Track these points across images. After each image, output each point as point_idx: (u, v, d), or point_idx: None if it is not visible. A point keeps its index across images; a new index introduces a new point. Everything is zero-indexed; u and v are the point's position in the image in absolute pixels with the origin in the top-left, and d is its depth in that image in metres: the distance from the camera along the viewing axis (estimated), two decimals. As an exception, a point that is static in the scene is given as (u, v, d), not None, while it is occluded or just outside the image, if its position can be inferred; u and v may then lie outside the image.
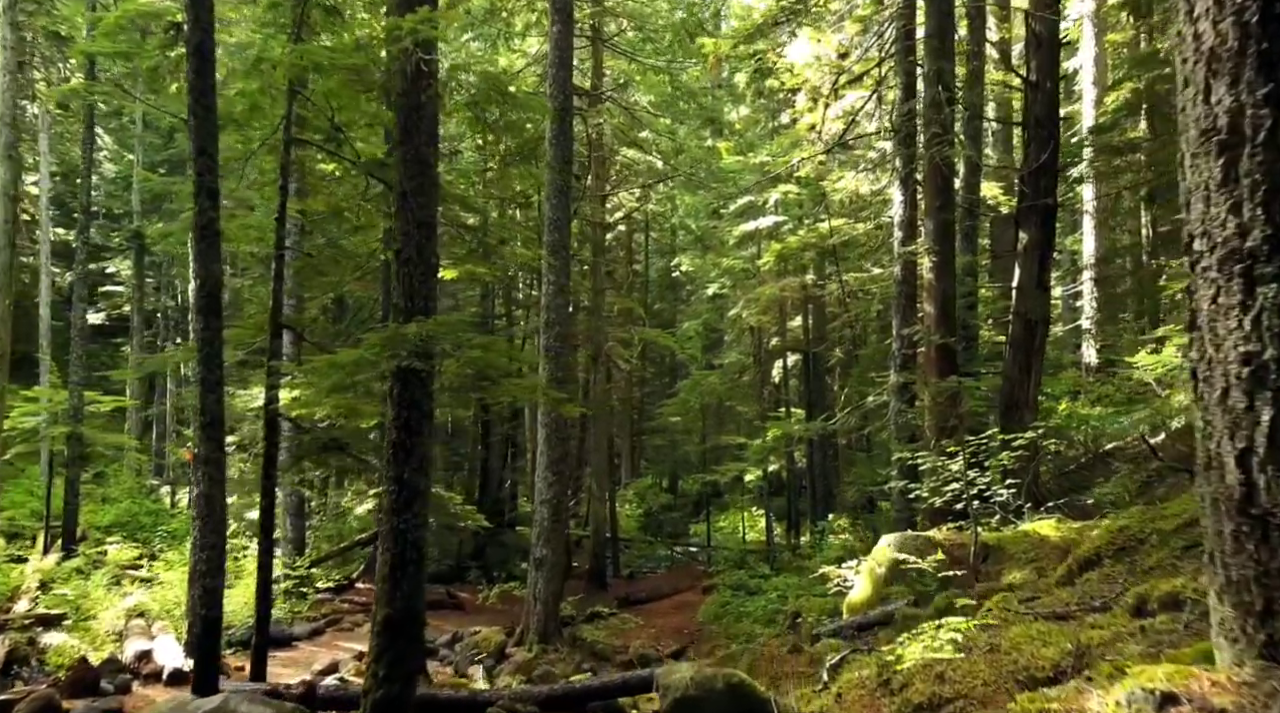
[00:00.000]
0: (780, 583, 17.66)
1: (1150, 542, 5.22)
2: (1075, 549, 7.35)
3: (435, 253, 6.99)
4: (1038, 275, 11.88)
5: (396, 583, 6.55)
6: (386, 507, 6.71)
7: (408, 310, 6.73)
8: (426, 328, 6.32)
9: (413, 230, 6.87)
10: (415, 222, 6.88)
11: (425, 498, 6.77)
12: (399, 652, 6.47)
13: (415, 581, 6.62)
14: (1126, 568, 5.00)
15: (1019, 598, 5.09)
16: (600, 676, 8.41)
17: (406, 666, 6.49)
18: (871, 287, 20.13)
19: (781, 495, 28.87)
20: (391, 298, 6.80)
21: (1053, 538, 7.92)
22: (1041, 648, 3.25)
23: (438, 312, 7.25)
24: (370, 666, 6.46)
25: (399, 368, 6.64)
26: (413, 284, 6.82)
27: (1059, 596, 4.80)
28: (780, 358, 27.14)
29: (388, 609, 6.51)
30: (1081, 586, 4.92)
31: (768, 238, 23.25)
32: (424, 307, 6.81)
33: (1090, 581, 4.98)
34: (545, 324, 14.05)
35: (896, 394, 12.69)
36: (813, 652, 7.10)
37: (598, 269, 20.92)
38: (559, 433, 13.86)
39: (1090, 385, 21.18)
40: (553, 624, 13.83)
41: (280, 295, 8.82)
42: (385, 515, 6.71)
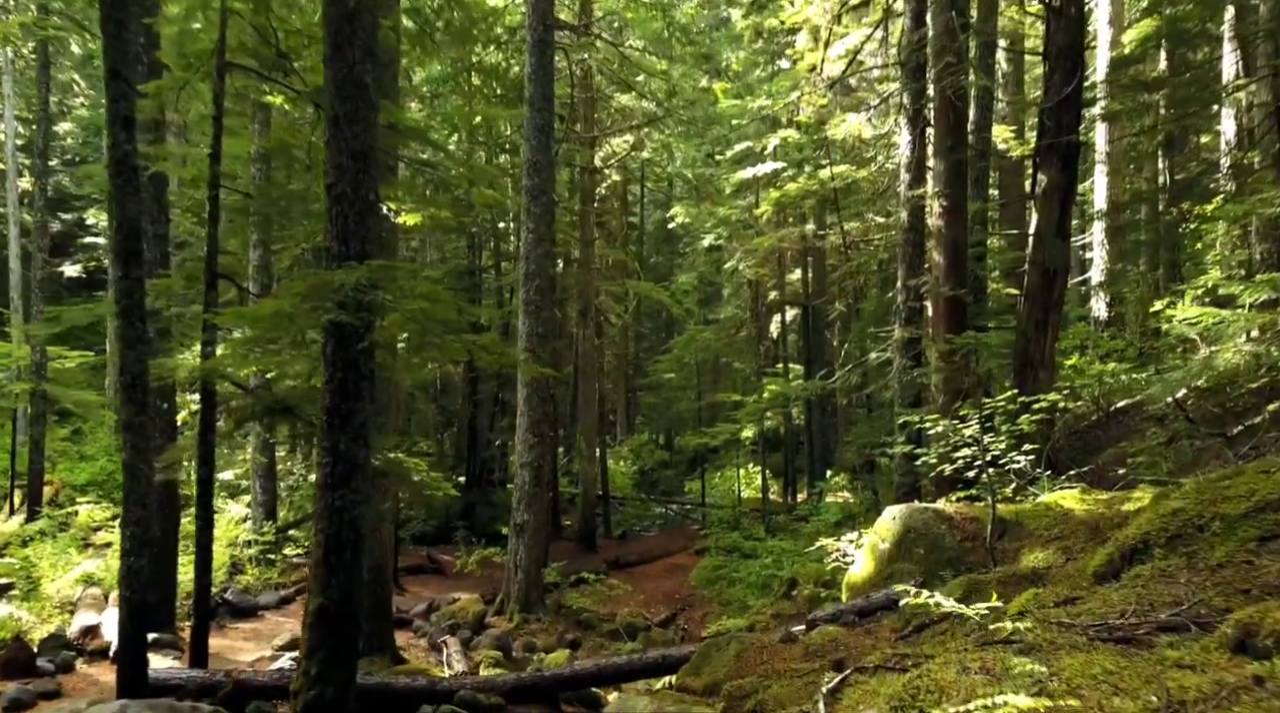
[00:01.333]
0: (775, 546, 16.96)
1: (1212, 529, 4.37)
2: (1107, 527, 6.51)
3: (375, 189, 6.04)
4: (1058, 221, 10.90)
5: (332, 569, 5.71)
6: (320, 481, 5.85)
7: (341, 255, 5.80)
8: (358, 276, 5.39)
9: (346, 162, 5.90)
10: (349, 152, 5.91)
11: (365, 471, 5.91)
12: (335, 647, 5.66)
13: (354, 565, 5.78)
14: (1185, 563, 4.15)
15: (1053, 597, 4.25)
16: (572, 664, 7.66)
17: (344, 663, 5.69)
18: (875, 237, 19.13)
19: (779, 452, 28.15)
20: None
21: (1077, 512, 7.08)
22: (1114, 699, 2.40)
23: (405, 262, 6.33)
24: (302, 663, 5.65)
25: (331, 323, 5.73)
26: (346, 225, 5.87)
27: (1106, 597, 3.94)
28: (779, 312, 26.19)
29: (321, 599, 5.68)
30: (1132, 585, 4.07)
31: (766, 186, 22.15)
32: (360, 251, 5.87)
33: (1142, 578, 4.13)
34: (525, 276, 13.11)
35: (901, 351, 11.78)
36: (808, 642, 6.30)
37: (586, 219, 19.88)
38: (540, 393, 13.00)
39: (1102, 340, 20.31)
40: (535, 593, 13.12)
41: (215, 241, 7.87)
42: (319, 491, 5.85)
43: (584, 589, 14.73)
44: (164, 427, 10.91)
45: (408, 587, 15.50)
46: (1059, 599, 4.15)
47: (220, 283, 8.19)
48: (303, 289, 5.41)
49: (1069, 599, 4.09)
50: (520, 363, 7.22)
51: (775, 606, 13.35)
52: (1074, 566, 5.66)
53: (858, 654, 5.76)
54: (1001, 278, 19.69)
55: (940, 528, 7.32)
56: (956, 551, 7.15)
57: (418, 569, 16.89)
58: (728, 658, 6.34)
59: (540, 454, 13.10)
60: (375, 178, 6.05)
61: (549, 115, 13.26)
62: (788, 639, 6.46)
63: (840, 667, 5.48)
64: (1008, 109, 19.89)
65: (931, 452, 8.61)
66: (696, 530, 21.11)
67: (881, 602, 6.78)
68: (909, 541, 7.39)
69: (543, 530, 13.55)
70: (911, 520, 7.45)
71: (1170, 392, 8.47)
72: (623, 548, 20.04)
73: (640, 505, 27.55)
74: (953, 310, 11.23)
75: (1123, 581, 4.36)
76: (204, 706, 5.95)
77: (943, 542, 7.23)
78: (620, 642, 12.92)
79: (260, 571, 14.10)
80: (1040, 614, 3.89)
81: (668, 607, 15.24)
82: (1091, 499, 7.32)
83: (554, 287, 20.04)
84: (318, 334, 6.11)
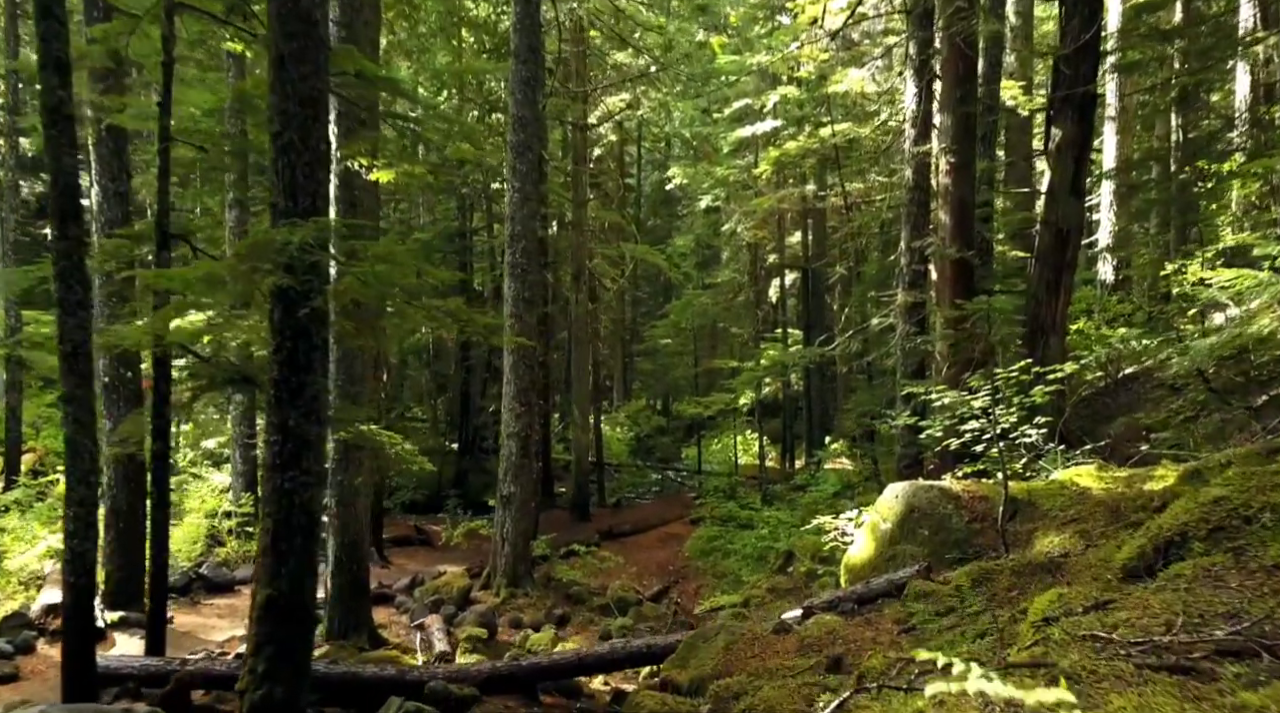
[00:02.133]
0: (772, 516, 16.53)
1: (1261, 521, 3.85)
2: (1129, 509, 6.00)
3: (326, 138, 5.43)
4: (1072, 177, 10.28)
5: (281, 557, 5.20)
6: (267, 461, 5.32)
7: (289, 211, 5.21)
8: (304, 234, 4.81)
9: (293, 108, 5.29)
10: (296, 97, 5.30)
11: (318, 450, 5.38)
12: (285, 642, 5.17)
13: (305, 553, 5.27)
14: (1233, 561, 3.64)
15: (1081, 599, 3.74)
16: (551, 653, 7.20)
17: (296, 659, 5.20)
18: (878, 197, 18.45)
19: (776, 418, 27.70)
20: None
21: (1095, 491, 6.57)
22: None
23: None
24: (248, 660, 5.16)
25: (278, 287, 5.16)
26: (294, 178, 5.28)
27: (1144, 601, 3.42)
28: (778, 276, 25.56)
29: (270, 590, 5.17)
30: (1172, 587, 3.56)
31: (765, 145, 21.41)
32: (310, 207, 5.28)
33: (1184, 579, 3.61)
34: (511, 237, 12.50)
35: (904, 316, 11.21)
36: (803, 633, 5.81)
37: (579, 178, 19.18)
38: (527, 360, 12.45)
39: (1109, 304, 19.72)
40: (522, 566, 12.68)
41: (166, 197, 7.27)
42: (266, 472, 5.33)
43: (574, 561, 14.28)
44: (128, 396, 10.39)
45: (393, 559, 15.09)
46: (1089, 603, 3.63)
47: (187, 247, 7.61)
48: (240, 249, 4.84)
49: (1101, 604, 3.57)
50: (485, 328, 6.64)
51: (771, 580, 12.92)
52: (1096, 554, 5.15)
53: (857, 650, 5.28)
54: (1008, 240, 19.06)
55: (946, 508, 6.82)
56: (964, 532, 6.66)
57: (404, 541, 16.46)
58: (716, 650, 5.86)
59: (527, 424, 12.59)
60: (326, 125, 5.44)
61: (535, 68, 12.55)
62: (781, 629, 5.98)
63: (838, 666, 5.00)
64: (1015, 65, 19.12)
65: (936, 424, 8.09)
66: (692, 498, 20.70)
67: (883, 588, 6.29)
68: (913, 521, 6.89)
69: (530, 502, 13.09)
70: (916, 500, 6.95)
71: (1199, 361, 7.92)
72: (617, 517, 19.62)
73: (636, 473, 27.15)
74: (959, 273, 10.65)
75: (1160, 580, 3.84)
76: (140, 707, 5.47)
77: (949, 523, 6.73)
78: (610, 616, 12.51)
79: (239, 543, 13.66)
80: (1070, 625, 3.37)
81: (661, 579, 14.83)
82: (1109, 476, 6.81)
83: (544, 249, 19.43)
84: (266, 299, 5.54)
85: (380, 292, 5.19)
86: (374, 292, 5.16)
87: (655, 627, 12.42)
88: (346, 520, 9.62)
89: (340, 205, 9.52)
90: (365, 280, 5.04)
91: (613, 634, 11.67)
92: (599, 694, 7.33)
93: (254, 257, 4.86)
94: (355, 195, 9.59)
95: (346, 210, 9.54)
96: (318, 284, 5.24)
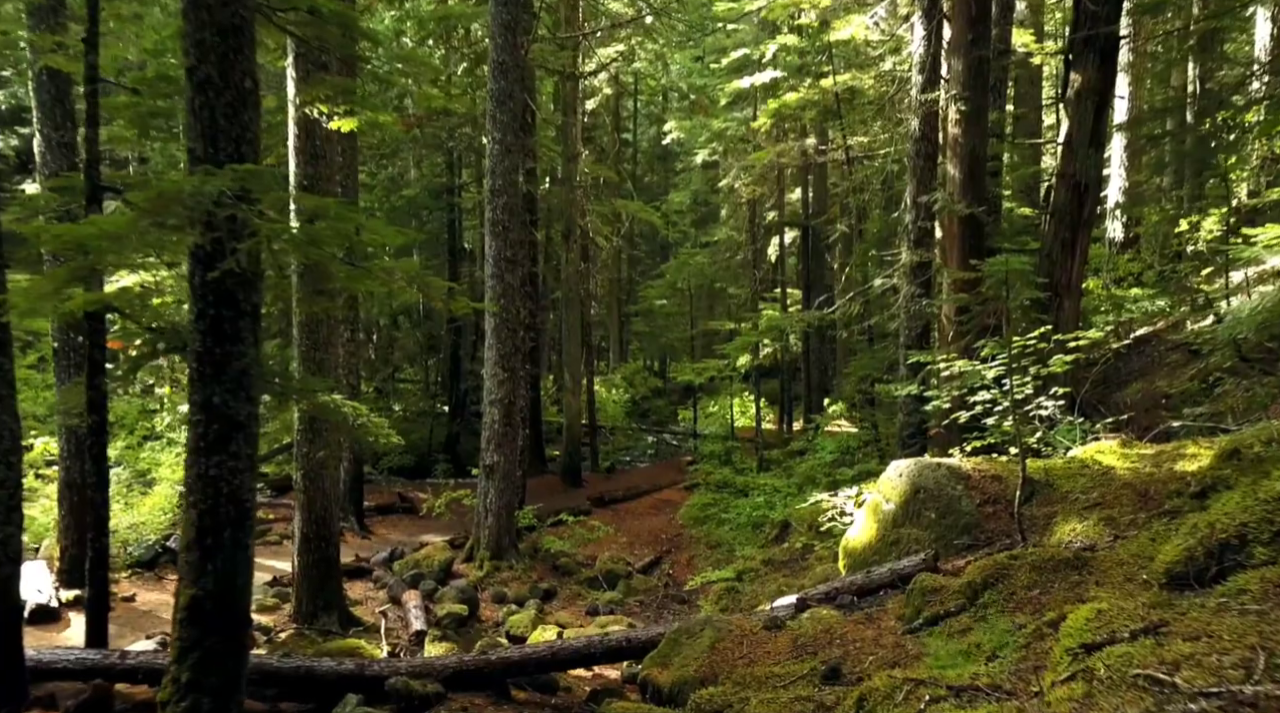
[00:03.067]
0: (768, 483, 16.01)
1: (1338, 525, 3.26)
2: (1160, 492, 5.40)
3: (253, 75, 4.72)
4: (1091, 127, 9.56)
5: (207, 553, 4.60)
6: (190, 444, 4.70)
7: (208, 158, 4.53)
8: (220, 184, 4.13)
9: (210, 38, 4.57)
10: (214, 25, 4.58)
11: (249, 431, 4.75)
12: (214, 649, 4.59)
13: (236, 547, 4.67)
14: (1310, 574, 3.05)
15: (1126, 620, 3.13)
16: (523, 647, 6.66)
17: (225, 667, 4.63)
18: (881, 151, 17.64)
19: (774, 378, 27.10)
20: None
21: (1120, 471, 5.97)
22: None
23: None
24: (171, 668, 4.59)
25: (199, 247, 4.50)
26: (213, 119, 4.58)
27: (1206, 627, 2.82)
28: (777, 234, 24.77)
29: (194, 590, 4.58)
30: (1238, 606, 2.96)
31: (764, 97, 20.52)
32: (234, 153, 4.59)
33: (1251, 595, 3.01)
34: (491, 192, 11.76)
35: (909, 277, 10.54)
36: (797, 630, 5.25)
37: (569, 131, 18.33)
38: (509, 323, 11.80)
39: (1121, 262, 19.03)
40: (507, 538, 12.15)
41: (95, 144, 6.56)
42: (189, 457, 4.71)
43: (563, 531, 13.79)
44: (79, 363, 9.73)
45: (375, 529, 14.57)
46: (1135, 624, 3.02)
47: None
48: (142, 201, 4.16)
49: (1152, 627, 2.96)
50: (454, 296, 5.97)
51: (766, 551, 12.42)
52: (1128, 549, 4.56)
53: (857, 654, 4.71)
54: (1016, 196, 18.28)
55: (955, 488, 6.22)
56: (974, 516, 6.07)
57: (387, 509, 15.94)
58: (701, 649, 5.29)
59: (511, 390, 11.97)
60: (251, 60, 4.72)
61: (516, 10, 11.71)
62: (773, 626, 5.41)
63: (836, 675, 4.42)
64: (1027, 13, 18.20)
65: (943, 394, 7.48)
66: (687, 463, 20.18)
67: (885, 578, 5.72)
68: (918, 502, 6.30)
69: (515, 472, 12.53)
70: (921, 479, 6.35)
71: (1241, 329, 7.28)
72: (609, 483, 19.10)
73: (631, 437, 26.64)
74: (968, 231, 9.95)
75: (1218, 595, 3.23)
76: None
77: (958, 505, 6.14)
78: (599, 590, 12.03)
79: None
80: (1117, 658, 2.77)
81: (652, 549, 14.33)
82: (1135, 454, 6.20)
83: (532, 206, 18.66)
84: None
85: (308, 253, 4.51)
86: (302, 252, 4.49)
87: (645, 601, 11.95)
88: (313, 496, 9.04)
89: (301, 157, 8.81)
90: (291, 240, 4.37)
91: (600, 610, 11.19)
92: (577, 687, 6.80)
93: (159, 210, 4.19)
94: (318, 147, 8.86)
95: (308, 163, 8.82)
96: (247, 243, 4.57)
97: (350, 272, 4.62)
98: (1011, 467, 6.37)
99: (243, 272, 4.64)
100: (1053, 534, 5.42)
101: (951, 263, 9.70)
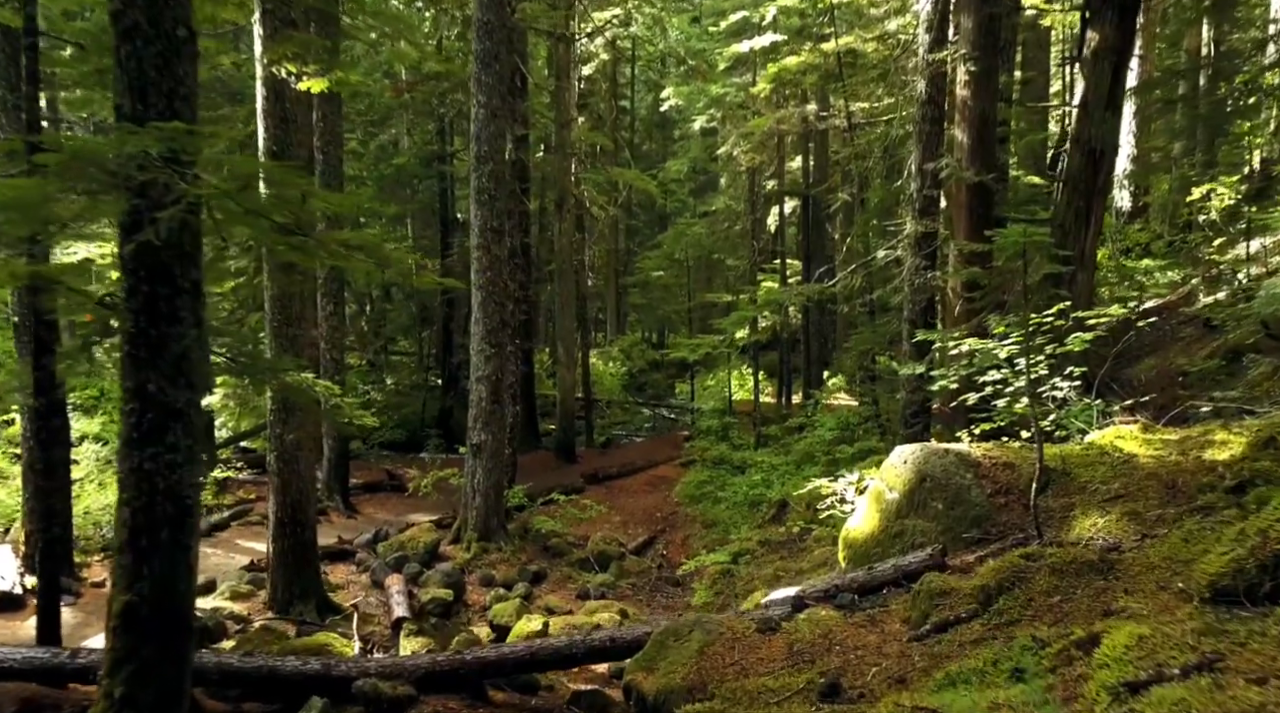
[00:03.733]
0: (765, 460, 15.61)
1: None
2: (1189, 484, 4.97)
3: (187, 22, 4.21)
4: (1109, 89, 9.02)
5: (142, 554, 4.18)
6: (124, 435, 4.25)
7: (136, 115, 4.04)
8: (139, 143, 3.64)
9: (136, -21, 4.07)
10: (141, -36, 4.08)
11: (190, 420, 4.31)
12: (151, 659, 4.17)
13: (175, 549, 4.24)
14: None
15: (1172, 648, 2.71)
16: (499, 646, 6.26)
17: (164, 679, 4.21)
18: (884, 118, 17.03)
19: (774, 350, 26.63)
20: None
21: (1142, 458, 5.53)
22: None
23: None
24: (103, 681, 4.18)
25: (127, 216, 4.03)
26: (141, 71, 4.09)
27: (1273, 661, 2.40)
28: (777, 204, 24.19)
29: (128, 595, 4.16)
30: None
31: (763, 60, 19.86)
32: (166, 110, 4.10)
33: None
34: (476, 159, 11.21)
35: (914, 248, 10.02)
36: (794, 634, 4.84)
37: (561, 96, 17.72)
38: (496, 297, 11.32)
39: (1132, 233, 18.51)
40: (495, 519, 11.76)
41: (35, 103, 6.06)
42: (122, 449, 4.27)
43: (554, 510, 13.38)
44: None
45: (362, 508, 14.19)
46: (1187, 659, 2.59)
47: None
48: (54, 163, 3.68)
49: (1206, 662, 2.53)
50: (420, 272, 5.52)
51: (763, 531, 12.04)
52: (1158, 550, 4.12)
53: (859, 665, 4.30)
54: (1021, 163, 17.71)
55: (964, 477, 5.79)
56: (985, 507, 5.64)
57: (375, 487, 15.54)
58: (689, 653, 4.88)
59: (498, 366, 11.52)
60: (185, 6, 4.21)
61: (502, -35, 11.12)
62: (767, 628, 4.99)
63: (835, 692, 4.00)
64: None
65: (950, 373, 7.02)
66: (684, 438, 19.79)
67: (889, 575, 5.30)
68: (924, 491, 5.87)
69: (503, 451, 12.11)
70: (928, 466, 5.91)
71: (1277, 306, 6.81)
72: (604, 459, 18.71)
73: (627, 411, 26.23)
74: (977, 199, 9.45)
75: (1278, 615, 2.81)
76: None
77: (967, 495, 5.71)
78: (590, 572, 11.67)
79: (192, 494, 12.69)
80: (1171, 704, 2.34)
81: (647, 528, 13.96)
82: (1158, 440, 5.76)
83: (524, 174, 18.08)
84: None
85: (243, 224, 4.03)
86: (234, 222, 4.00)
87: (637, 584, 11.59)
88: (288, 479, 8.61)
89: (270, 121, 8.29)
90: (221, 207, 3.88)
91: (591, 593, 10.83)
92: (560, 685, 6.42)
93: (73, 174, 3.71)
94: (287, 110, 8.34)
95: (278, 126, 8.30)
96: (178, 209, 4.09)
97: (290, 244, 4.14)
98: (1025, 454, 5.94)
99: (179, 244, 4.17)
100: (1071, 529, 4.99)
101: (959, 233, 9.21)
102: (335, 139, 13.51)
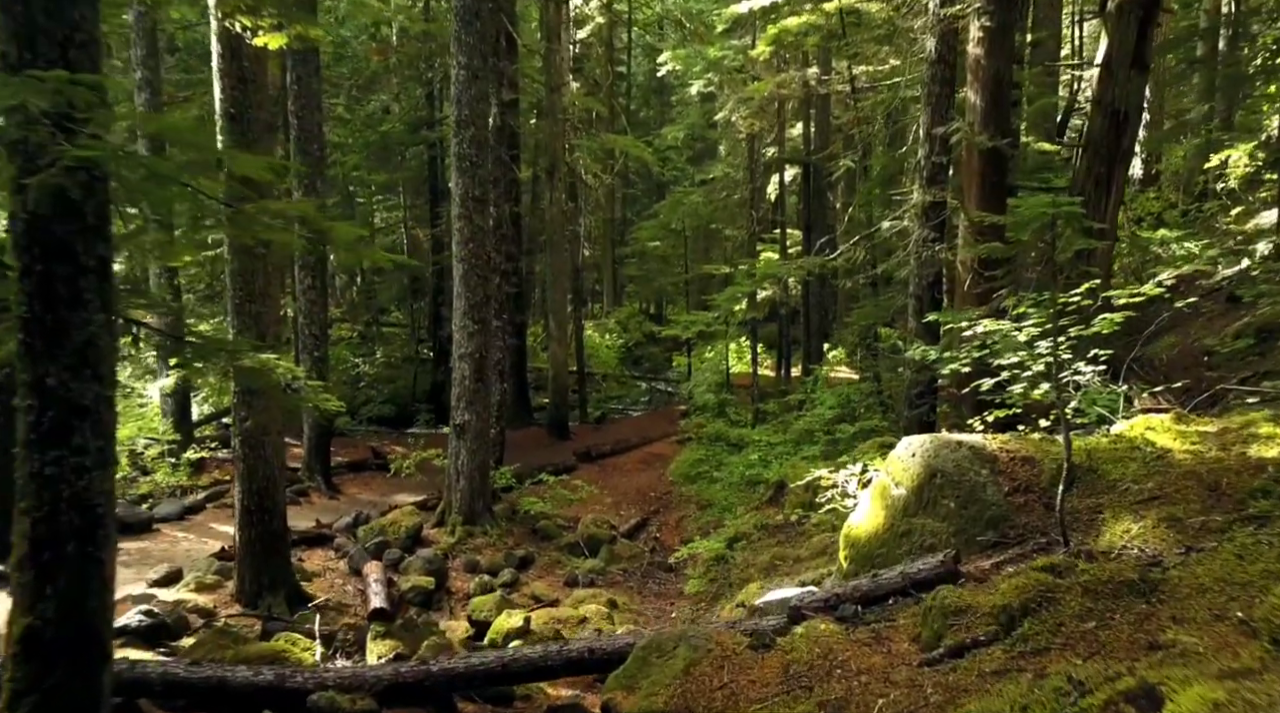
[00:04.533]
0: (763, 437, 15.10)
1: None
2: (1233, 485, 4.43)
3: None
4: (1135, 46, 8.37)
5: (46, 572, 3.65)
6: (22, 436, 3.70)
7: (23, 64, 3.45)
8: (17, 95, 3.06)
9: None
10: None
11: (99, 417, 3.76)
12: (57, 690, 3.66)
13: (84, 564, 3.72)
14: None
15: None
16: (468, 656, 5.75)
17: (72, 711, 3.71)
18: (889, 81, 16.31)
19: (773, 322, 26.05)
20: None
21: (1178, 454, 4.99)
22: None
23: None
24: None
25: (18, 183, 3.45)
26: (28, 14, 3.48)
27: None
28: (776, 172, 23.47)
29: (30, 618, 3.65)
30: None
31: (763, 22, 19.06)
32: (59, 59, 3.51)
33: None
34: (457, 124, 10.58)
35: (921, 218, 9.43)
36: (790, 652, 4.33)
37: (552, 58, 16.98)
38: (479, 270, 10.74)
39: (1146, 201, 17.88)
40: (480, 502, 11.26)
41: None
42: (21, 451, 3.72)
43: (543, 491, 12.89)
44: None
45: (345, 488, 13.70)
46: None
47: None
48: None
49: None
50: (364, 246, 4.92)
51: (760, 515, 11.55)
52: (1208, 569, 3.58)
53: (864, 693, 3.78)
54: (1032, 128, 17.02)
55: (979, 473, 5.25)
56: (1002, 507, 5.10)
57: (360, 466, 15.05)
58: (673, 673, 4.38)
59: (483, 343, 10.97)
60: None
61: (483, -85, 10.40)
62: (760, 644, 4.48)
63: (836, 732, 3.50)
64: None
65: (961, 355, 6.47)
66: (680, 413, 19.27)
67: (896, 583, 4.78)
68: (934, 488, 5.33)
69: (488, 431, 11.60)
70: (938, 460, 5.37)
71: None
72: (597, 435, 18.22)
73: (623, 385, 25.69)
74: (990, 166, 8.82)
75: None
76: None
77: (982, 493, 5.17)
78: (580, 556, 11.20)
79: (163, 475, 12.20)
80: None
81: (639, 509, 13.49)
82: (1194, 432, 5.21)
83: (514, 140, 17.42)
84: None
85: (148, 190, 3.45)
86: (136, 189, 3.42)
87: (629, 570, 11.11)
88: (254, 465, 8.09)
89: (226, 80, 7.66)
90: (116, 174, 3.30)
91: (579, 580, 10.35)
92: (537, 695, 5.93)
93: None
94: (245, 68, 7.70)
95: (235, 86, 7.68)
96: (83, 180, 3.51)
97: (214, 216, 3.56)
98: (1046, 446, 5.39)
99: (79, 215, 3.60)
100: (1101, 536, 4.47)
101: (971, 203, 8.61)
102: (312, 103, 12.85)
